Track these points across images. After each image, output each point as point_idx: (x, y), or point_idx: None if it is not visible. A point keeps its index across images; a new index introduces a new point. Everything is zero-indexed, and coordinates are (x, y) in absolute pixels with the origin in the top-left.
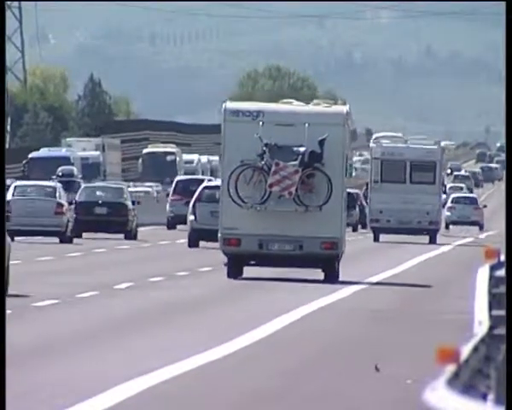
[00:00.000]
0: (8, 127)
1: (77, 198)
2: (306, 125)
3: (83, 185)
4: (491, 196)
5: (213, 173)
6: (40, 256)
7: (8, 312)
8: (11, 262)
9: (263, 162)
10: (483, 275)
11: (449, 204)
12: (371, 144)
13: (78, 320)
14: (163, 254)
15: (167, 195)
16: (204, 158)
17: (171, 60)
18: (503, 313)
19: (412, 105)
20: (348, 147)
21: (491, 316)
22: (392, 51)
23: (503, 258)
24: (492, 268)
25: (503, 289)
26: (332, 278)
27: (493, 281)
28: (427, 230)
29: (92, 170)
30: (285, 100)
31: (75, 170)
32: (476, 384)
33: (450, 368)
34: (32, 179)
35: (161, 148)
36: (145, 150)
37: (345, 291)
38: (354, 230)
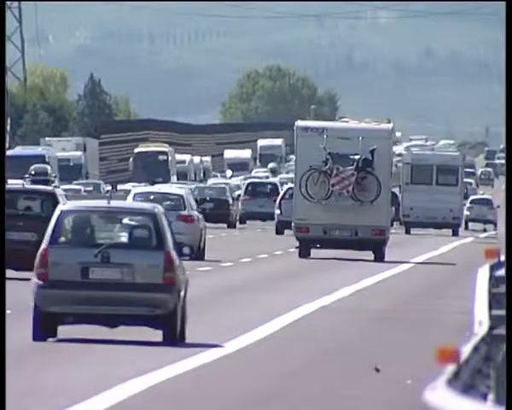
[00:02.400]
0: (8, 127)
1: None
2: (360, 138)
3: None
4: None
5: (206, 174)
6: None
7: (7, 312)
8: None
9: (326, 167)
10: (483, 275)
11: (468, 204)
12: (403, 151)
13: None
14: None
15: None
16: (196, 158)
17: (170, 60)
18: (503, 313)
19: (412, 105)
20: (392, 155)
21: (491, 316)
22: (392, 51)
23: (503, 258)
24: (492, 268)
25: (503, 289)
26: (380, 258)
27: (493, 281)
28: (451, 224)
29: (74, 171)
30: (343, 119)
31: (49, 169)
32: (476, 384)
33: (450, 368)
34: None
35: (153, 147)
36: (136, 150)
37: (345, 291)
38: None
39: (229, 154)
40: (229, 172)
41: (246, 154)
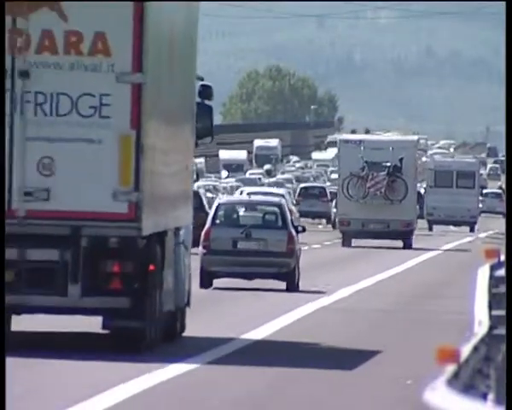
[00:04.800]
0: None
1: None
2: (391, 148)
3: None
4: None
5: (198, 175)
6: None
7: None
8: None
9: (363, 173)
10: (483, 275)
11: (480, 198)
12: (426, 159)
13: None
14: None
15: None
16: None
17: None
18: (503, 313)
19: (412, 105)
20: (417, 162)
21: (491, 316)
22: (392, 51)
23: (503, 258)
24: (492, 268)
25: (503, 289)
26: (408, 246)
27: (493, 281)
28: (468, 222)
29: None
30: (376, 132)
31: None
32: (476, 384)
33: (450, 368)
34: None
35: None
36: None
37: (345, 291)
38: None
39: (225, 154)
40: (224, 173)
41: (241, 155)
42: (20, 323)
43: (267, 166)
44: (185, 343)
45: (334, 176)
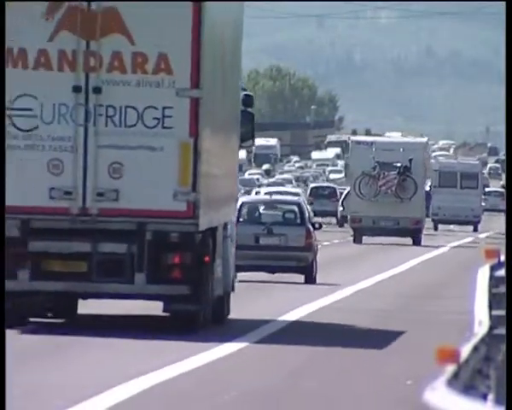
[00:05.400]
0: None
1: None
2: (401, 149)
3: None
4: None
5: None
6: None
7: None
8: None
9: (375, 172)
10: (483, 275)
11: (483, 196)
12: (432, 161)
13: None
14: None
15: None
16: None
17: None
18: (503, 313)
19: (412, 105)
20: (426, 162)
21: (491, 316)
22: (392, 51)
23: (503, 258)
24: (492, 268)
25: (503, 289)
26: (417, 242)
27: (493, 281)
28: (472, 221)
29: None
30: (387, 134)
31: None
32: (476, 384)
33: (450, 368)
34: None
35: None
36: None
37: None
38: None
39: None
40: None
41: (240, 154)
42: (87, 306)
43: (266, 166)
44: (232, 325)
45: (333, 176)
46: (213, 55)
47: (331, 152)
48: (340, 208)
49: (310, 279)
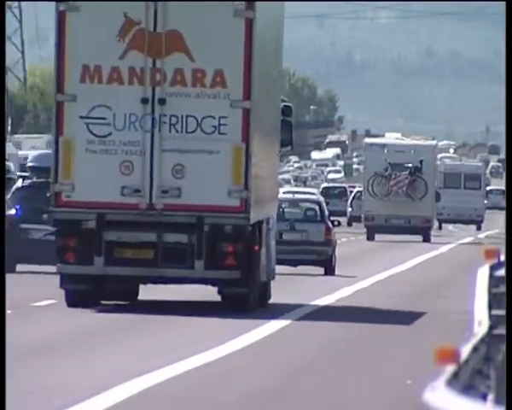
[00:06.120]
0: (9, 128)
1: None
2: (412, 151)
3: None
4: None
5: None
6: None
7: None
8: None
9: (387, 173)
10: (483, 275)
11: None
12: (438, 162)
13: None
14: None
15: None
16: None
17: None
18: (503, 313)
19: (412, 105)
20: (435, 162)
21: (491, 316)
22: (392, 51)
23: (503, 258)
24: (492, 268)
25: (503, 289)
26: (427, 240)
27: (493, 281)
28: (475, 221)
29: (45, 170)
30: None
31: (12, 166)
32: (476, 384)
33: (450, 368)
34: None
35: None
36: None
37: (346, 290)
38: None
39: None
40: None
41: None
42: (149, 291)
43: None
44: (274, 307)
45: (331, 176)
46: (261, 71)
47: (331, 152)
48: (349, 209)
49: (329, 271)
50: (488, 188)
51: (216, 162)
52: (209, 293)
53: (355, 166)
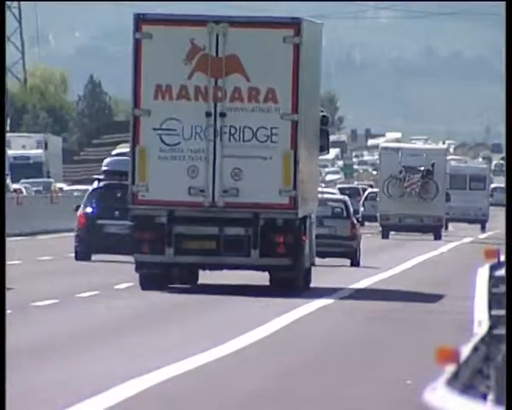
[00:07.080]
0: (8, 128)
1: None
2: (424, 155)
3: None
4: None
5: None
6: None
7: (8, 311)
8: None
9: (401, 175)
10: (483, 275)
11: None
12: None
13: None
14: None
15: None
16: None
17: None
18: (503, 313)
19: (412, 105)
20: (446, 165)
21: (491, 316)
22: (392, 51)
23: (503, 258)
24: (492, 268)
25: (503, 289)
26: (438, 237)
27: (493, 281)
28: (480, 220)
29: (34, 170)
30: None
31: None
32: (476, 384)
33: (450, 368)
34: None
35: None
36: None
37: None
38: None
39: None
40: None
41: None
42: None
43: None
44: (316, 290)
45: (330, 177)
46: (306, 87)
47: (331, 153)
48: (362, 209)
49: (355, 263)
50: (492, 186)
51: (268, 166)
52: (259, 277)
53: (355, 166)
